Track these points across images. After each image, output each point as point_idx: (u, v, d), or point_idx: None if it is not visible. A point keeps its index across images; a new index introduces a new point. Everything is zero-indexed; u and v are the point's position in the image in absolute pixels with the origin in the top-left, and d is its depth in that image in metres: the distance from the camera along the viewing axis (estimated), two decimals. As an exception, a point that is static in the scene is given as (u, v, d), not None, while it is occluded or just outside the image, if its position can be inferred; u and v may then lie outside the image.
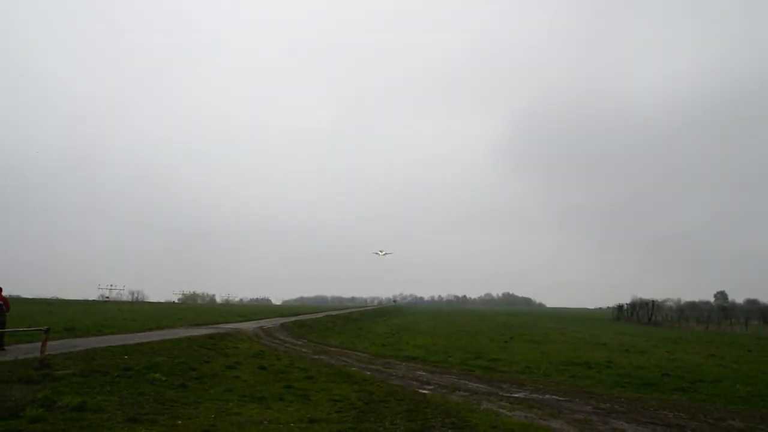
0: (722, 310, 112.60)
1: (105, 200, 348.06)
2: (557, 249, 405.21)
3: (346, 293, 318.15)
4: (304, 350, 27.41)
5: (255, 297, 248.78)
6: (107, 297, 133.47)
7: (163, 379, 15.18)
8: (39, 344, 17.38)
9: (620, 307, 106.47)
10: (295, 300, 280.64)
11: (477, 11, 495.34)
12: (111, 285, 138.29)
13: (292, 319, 58.27)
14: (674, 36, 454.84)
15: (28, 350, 18.98)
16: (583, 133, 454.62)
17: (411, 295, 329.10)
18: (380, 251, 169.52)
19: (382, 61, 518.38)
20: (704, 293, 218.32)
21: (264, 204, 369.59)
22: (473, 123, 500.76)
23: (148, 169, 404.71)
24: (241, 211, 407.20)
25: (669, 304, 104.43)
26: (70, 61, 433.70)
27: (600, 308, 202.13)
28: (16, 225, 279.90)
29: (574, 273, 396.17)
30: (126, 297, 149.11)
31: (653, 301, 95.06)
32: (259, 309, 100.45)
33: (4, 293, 21.72)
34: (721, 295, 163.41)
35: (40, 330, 18.08)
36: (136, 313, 60.73)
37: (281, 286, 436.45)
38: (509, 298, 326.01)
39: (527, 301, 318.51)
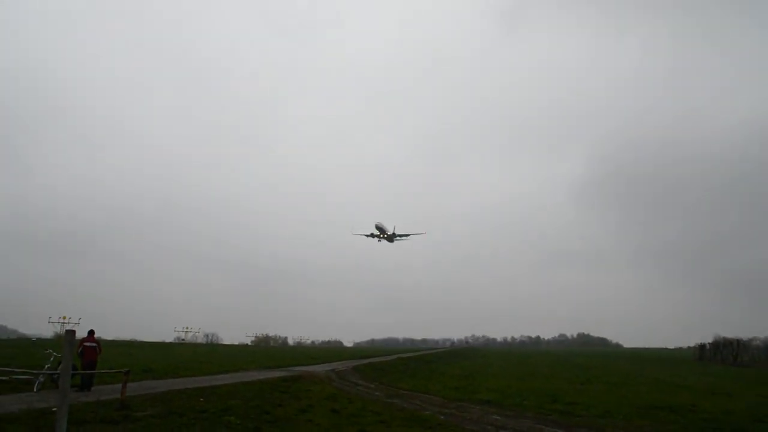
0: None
1: (183, 243, 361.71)
2: (634, 287, 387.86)
3: (418, 335, 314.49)
4: (376, 393, 26.92)
5: (326, 339, 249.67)
6: (183, 339, 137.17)
7: (238, 422, 15.12)
8: (119, 386, 17.79)
9: (702, 347, 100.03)
10: (367, 342, 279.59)
11: (558, 56, 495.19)
12: (186, 327, 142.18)
13: (364, 361, 57.85)
14: (761, 73, 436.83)
15: (110, 391, 19.48)
16: (660, 170, 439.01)
17: (483, 337, 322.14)
18: (379, 232, 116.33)
19: (465, 103, 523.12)
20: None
21: (335, 246, 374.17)
22: (551, 163, 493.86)
23: (230, 214, 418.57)
24: (314, 254, 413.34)
25: (756, 342, 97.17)
26: (168, 115, 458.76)
27: (680, 348, 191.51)
28: (95, 268, 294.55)
29: (652, 312, 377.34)
30: (201, 339, 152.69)
31: (738, 339, 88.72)
32: (330, 351, 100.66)
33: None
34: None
35: (121, 372, 18.55)
36: (210, 355, 61.96)
37: (352, 329, 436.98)
38: (584, 339, 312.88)
39: (603, 342, 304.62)
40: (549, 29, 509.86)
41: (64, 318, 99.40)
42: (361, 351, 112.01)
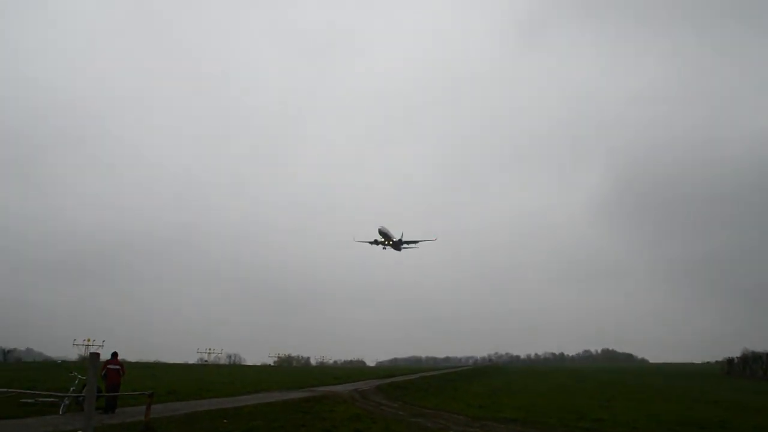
0: None
1: (205, 264, 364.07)
2: (659, 301, 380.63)
3: (441, 353, 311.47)
4: (400, 413, 26.63)
5: (349, 359, 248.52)
6: (206, 360, 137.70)
7: (261, 443, 15.03)
8: (144, 408, 17.82)
9: (730, 361, 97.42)
10: (389, 361, 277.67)
11: (574, 71, 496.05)
12: (209, 348, 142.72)
13: (387, 380, 57.40)
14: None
15: (134, 413, 19.53)
16: (684, 183, 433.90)
17: (507, 354, 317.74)
18: (383, 239, 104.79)
19: (483, 119, 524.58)
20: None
21: (358, 265, 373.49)
22: (571, 176, 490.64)
23: (252, 237, 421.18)
24: (336, 273, 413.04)
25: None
26: (185, 142, 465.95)
27: (707, 362, 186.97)
28: (119, 290, 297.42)
29: (678, 326, 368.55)
30: (224, 360, 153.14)
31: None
32: (353, 371, 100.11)
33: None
34: None
35: (145, 394, 18.59)
36: (233, 376, 61.99)
37: (375, 348, 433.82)
38: (609, 354, 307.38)
39: (628, 357, 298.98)
40: (565, 44, 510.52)
41: (89, 340, 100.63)
42: (383, 370, 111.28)
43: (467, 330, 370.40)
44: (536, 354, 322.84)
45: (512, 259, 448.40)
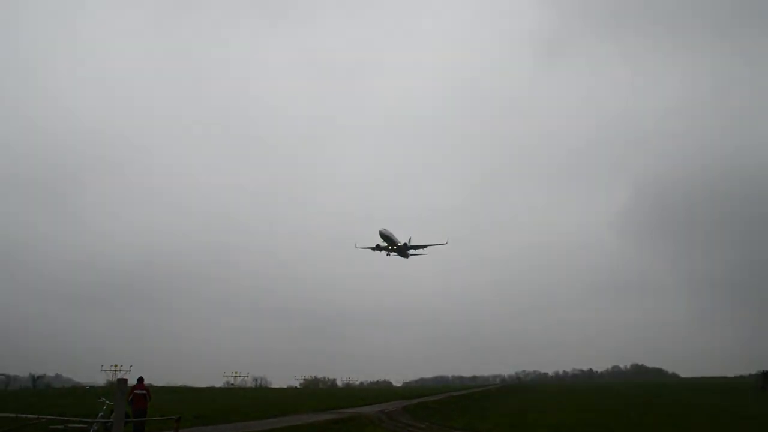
0: None
1: (230, 288, 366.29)
2: (688, 315, 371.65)
3: (467, 372, 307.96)
4: (428, 434, 26.26)
5: (375, 379, 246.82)
6: (232, 384, 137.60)
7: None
8: (171, 433, 17.76)
9: (765, 375, 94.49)
10: (416, 381, 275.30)
11: (600, 87, 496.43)
12: (235, 372, 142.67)
13: (414, 401, 56.80)
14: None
15: (161, 439, 19.47)
16: (711, 196, 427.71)
17: (534, 371, 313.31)
18: (386, 243, 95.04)
19: (509, 140, 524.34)
20: None
21: (381, 286, 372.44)
22: (597, 193, 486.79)
23: (277, 260, 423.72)
24: (360, 295, 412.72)
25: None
26: (213, 167, 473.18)
27: (741, 376, 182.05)
28: (146, 315, 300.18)
29: (710, 339, 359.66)
30: (250, 383, 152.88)
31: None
32: (380, 392, 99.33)
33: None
34: None
35: (172, 419, 18.53)
36: (260, 399, 61.88)
37: (401, 368, 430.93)
38: (639, 370, 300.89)
39: (658, 372, 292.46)
40: (590, 61, 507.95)
41: (116, 366, 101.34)
42: (410, 390, 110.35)
43: (494, 348, 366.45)
44: (564, 371, 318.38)
45: (539, 276, 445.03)
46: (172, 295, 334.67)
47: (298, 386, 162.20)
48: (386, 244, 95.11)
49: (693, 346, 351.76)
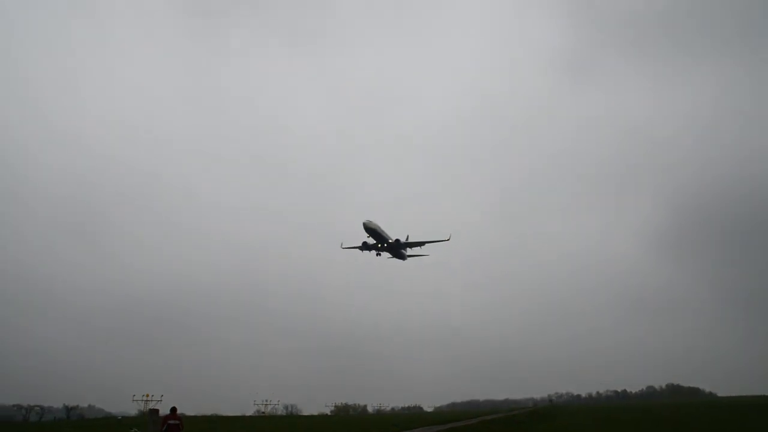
0: None
1: (259, 316, 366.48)
2: (726, 332, 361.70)
3: (499, 395, 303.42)
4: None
5: (406, 405, 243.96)
6: (263, 411, 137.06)
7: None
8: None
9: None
10: (447, 406, 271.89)
11: (622, 105, 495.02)
12: (266, 400, 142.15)
13: (447, 426, 55.67)
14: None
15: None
16: (746, 209, 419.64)
17: (567, 393, 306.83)
18: (374, 239, 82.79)
19: (533, 159, 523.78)
20: None
21: (410, 312, 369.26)
22: (624, 210, 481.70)
23: (302, 287, 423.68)
24: (389, 321, 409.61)
25: None
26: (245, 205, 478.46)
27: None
28: (175, 345, 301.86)
29: (748, 356, 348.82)
30: (280, 411, 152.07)
31: None
32: (412, 417, 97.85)
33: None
34: None
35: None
36: (291, 427, 61.15)
37: (432, 393, 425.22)
38: (674, 389, 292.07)
39: (694, 392, 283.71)
40: (611, 79, 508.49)
41: (147, 396, 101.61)
42: (442, 415, 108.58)
43: (525, 371, 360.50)
44: (597, 392, 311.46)
45: (569, 297, 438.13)
46: (201, 323, 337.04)
47: (329, 413, 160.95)
48: (374, 241, 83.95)
49: (731, 363, 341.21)
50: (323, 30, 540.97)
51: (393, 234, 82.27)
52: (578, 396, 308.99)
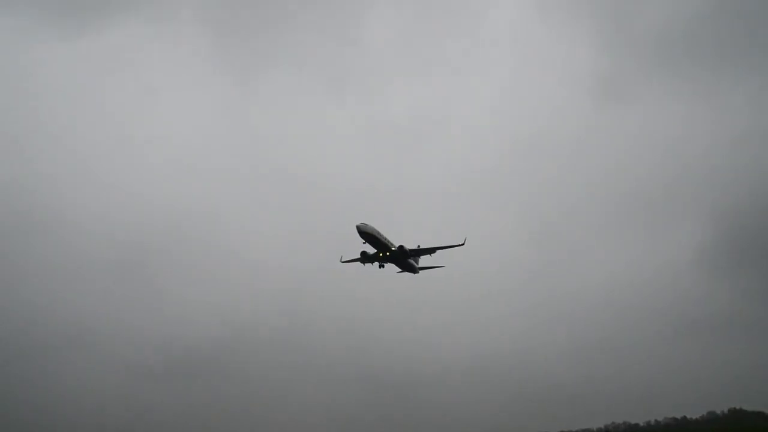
0: None
1: (299, 358, 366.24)
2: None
3: (554, 427, 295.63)
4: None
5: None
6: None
7: None
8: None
9: None
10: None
11: (655, 125, 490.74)
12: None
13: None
14: None
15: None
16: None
17: (624, 422, 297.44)
18: (375, 248, 69.71)
19: (565, 185, 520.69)
20: None
21: (458, 345, 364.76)
22: (675, 231, 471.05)
23: (354, 330, 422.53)
24: (440, 355, 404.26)
25: None
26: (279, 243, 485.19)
27: None
28: (212, 385, 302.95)
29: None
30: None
31: None
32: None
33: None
34: None
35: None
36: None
37: (486, 424, 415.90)
38: (737, 415, 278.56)
39: (760, 416, 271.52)
40: (647, 96, 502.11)
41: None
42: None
43: (578, 398, 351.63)
44: (656, 420, 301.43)
45: (616, 319, 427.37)
46: (249, 362, 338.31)
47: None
48: (375, 250, 72.93)
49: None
50: (354, 70, 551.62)
51: (397, 241, 70.02)
52: (636, 425, 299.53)
